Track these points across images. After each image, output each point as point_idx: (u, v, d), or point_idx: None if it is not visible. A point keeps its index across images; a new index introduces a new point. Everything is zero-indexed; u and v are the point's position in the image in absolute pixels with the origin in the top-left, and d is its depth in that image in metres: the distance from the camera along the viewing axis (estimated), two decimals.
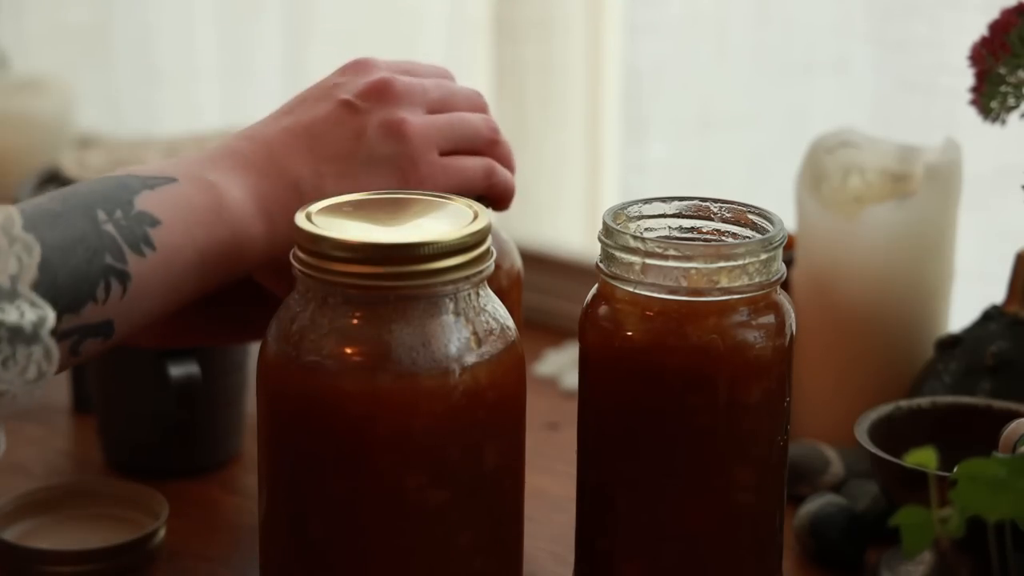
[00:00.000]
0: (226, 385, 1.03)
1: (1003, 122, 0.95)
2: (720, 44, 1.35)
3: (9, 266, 0.65)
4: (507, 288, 0.90)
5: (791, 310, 0.79)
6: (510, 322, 0.79)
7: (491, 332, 0.78)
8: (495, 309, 0.79)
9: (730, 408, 0.78)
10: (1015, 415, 0.89)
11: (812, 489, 0.99)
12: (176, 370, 0.92)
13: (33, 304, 0.65)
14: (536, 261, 1.13)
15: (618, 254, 0.78)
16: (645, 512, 0.79)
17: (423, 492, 0.76)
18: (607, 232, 0.79)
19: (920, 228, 1.04)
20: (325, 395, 0.75)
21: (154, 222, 0.73)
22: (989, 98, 0.95)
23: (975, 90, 0.95)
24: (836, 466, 1.00)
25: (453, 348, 0.76)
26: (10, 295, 0.65)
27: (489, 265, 0.78)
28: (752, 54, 1.33)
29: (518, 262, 0.93)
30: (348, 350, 0.75)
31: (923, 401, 0.93)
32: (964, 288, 1.09)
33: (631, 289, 0.78)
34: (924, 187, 1.04)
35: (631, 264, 0.78)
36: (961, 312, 1.07)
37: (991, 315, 1.00)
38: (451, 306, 0.77)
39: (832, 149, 1.06)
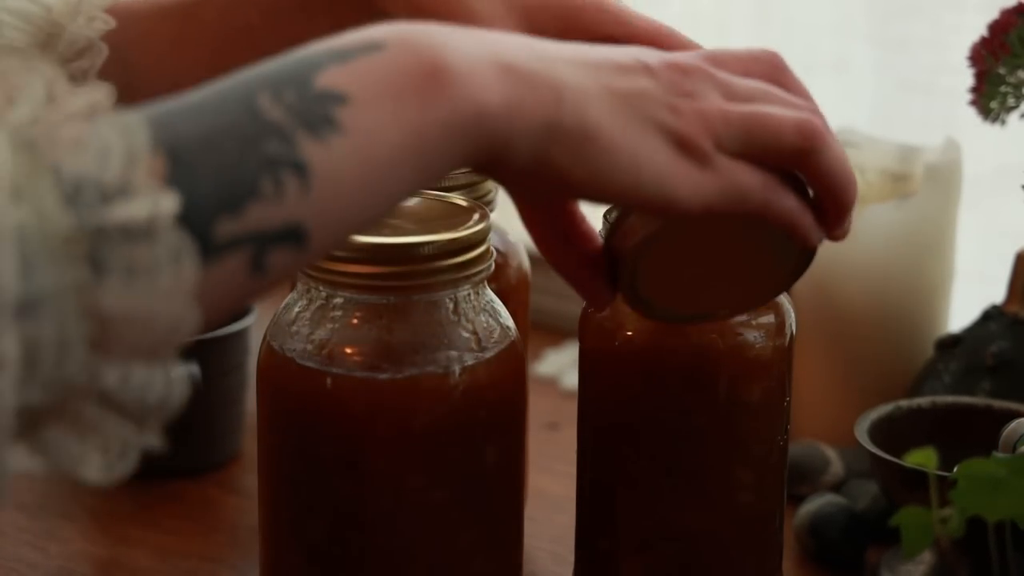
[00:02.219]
0: (226, 385, 1.03)
1: (1003, 122, 0.95)
2: (720, 44, 1.35)
3: (111, 163, 0.52)
4: (514, 288, 0.90)
5: (791, 310, 0.79)
6: (510, 322, 0.79)
7: (491, 332, 0.78)
8: (495, 309, 0.79)
9: (730, 408, 0.78)
10: (1015, 415, 0.89)
11: (812, 489, 0.99)
12: (176, 370, 0.92)
13: (144, 194, 0.52)
14: (536, 261, 1.13)
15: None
16: (645, 512, 0.79)
17: (423, 492, 0.76)
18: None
19: (920, 228, 1.04)
20: (325, 395, 0.75)
21: (342, 99, 0.56)
22: (989, 98, 0.95)
23: (975, 90, 0.95)
24: (836, 466, 1.00)
25: (453, 348, 0.76)
26: (119, 190, 0.52)
27: (489, 265, 0.78)
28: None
29: (526, 263, 0.93)
30: (348, 350, 0.75)
31: (923, 401, 0.93)
32: (964, 288, 1.09)
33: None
34: (924, 187, 1.04)
35: None
36: (961, 312, 1.07)
37: (991, 315, 1.00)
38: (451, 306, 0.77)
39: None
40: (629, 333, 0.78)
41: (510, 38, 0.62)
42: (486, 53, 0.59)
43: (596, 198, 0.64)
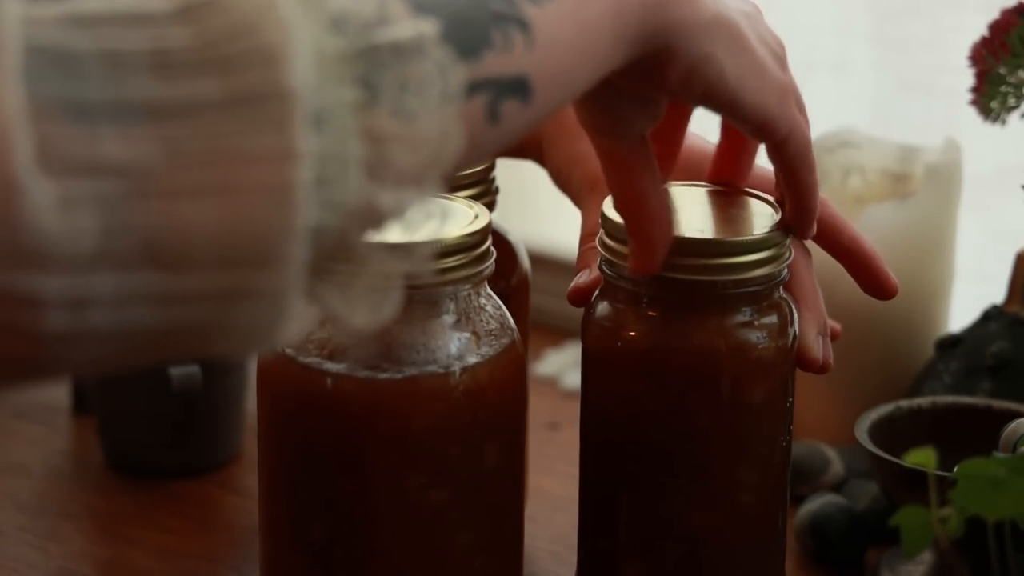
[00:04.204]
0: (226, 385, 1.03)
1: (1003, 122, 0.95)
2: None
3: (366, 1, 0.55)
4: (514, 288, 0.90)
5: (794, 310, 0.79)
6: (510, 322, 0.79)
7: (491, 332, 0.78)
8: (495, 309, 0.79)
9: (733, 408, 0.77)
10: (1015, 415, 0.89)
11: (812, 489, 0.99)
12: (176, 370, 0.92)
13: (405, 20, 0.55)
14: (537, 261, 1.13)
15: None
16: (647, 512, 0.79)
17: (423, 492, 0.76)
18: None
19: (920, 228, 1.04)
20: (325, 395, 0.75)
21: None
22: (989, 98, 0.95)
23: (975, 90, 0.95)
24: (836, 466, 1.00)
25: (453, 348, 0.76)
26: (379, 20, 0.55)
27: (489, 265, 0.78)
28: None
29: (526, 263, 0.93)
30: (348, 350, 0.75)
31: (923, 401, 0.93)
32: (964, 288, 1.09)
33: (633, 288, 0.78)
34: (924, 187, 1.04)
35: None
36: (961, 312, 1.07)
37: (991, 315, 1.00)
38: (451, 306, 0.77)
39: (832, 149, 1.06)
40: (631, 333, 0.78)
41: None
42: None
43: (737, 106, 0.69)
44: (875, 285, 0.80)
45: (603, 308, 0.79)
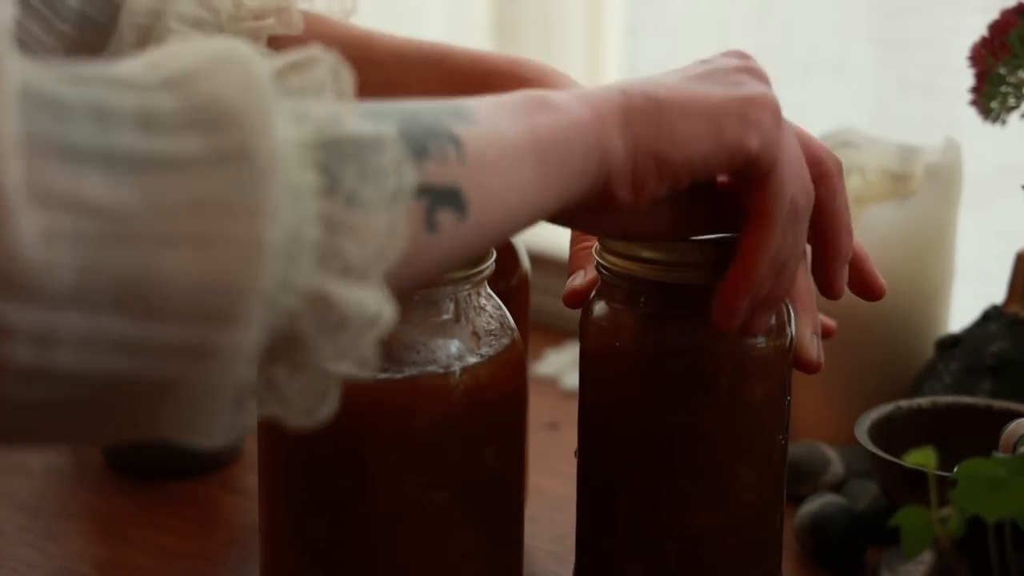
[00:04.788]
0: None
1: (1003, 122, 0.95)
2: (720, 44, 1.35)
3: (327, 98, 0.58)
4: (514, 288, 0.90)
5: (792, 310, 0.79)
6: (510, 322, 0.79)
7: (491, 332, 0.78)
8: (495, 309, 0.79)
9: (731, 408, 0.77)
10: (1015, 415, 0.89)
11: (812, 489, 0.99)
12: None
13: (367, 119, 0.58)
14: (536, 261, 1.13)
15: (619, 253, 0.78)
16: (646, 512, 0.79)
17: (423, 492, 0.76)
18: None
19: (920, 228, 1.04)
20: None
21: (468, 106, 0.64)
22: (989, 98, 0.95)
23: (975, 90, 0.95)
24: (836, 466, 1.00)
25: (453, 348, 0.76)
26: (336, 118, 0.57)
27: (489, 265, 0.78)
28: (752, 54, 1.33)
29: (526, 263, 0.93)
30: None
31: (923, 401, 0.93)
32: (964, 288, 1.09)
33: (631, 289, 0.78)
34: (924, 187, 1.04)
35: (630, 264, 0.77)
36: (961, 312, 1.07)
37: (991, 315, 1.00)
38: (451, 306, 0.77)
39: (832, 149, 1.06)
40: (629, 334, 0.78)
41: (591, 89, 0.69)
42: (573, 95, 0.67)
43: (698, 168, 0.69)
44: (863, 286, 0.80)
45: (601, 308, 0.79)
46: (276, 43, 0.87)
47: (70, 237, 0.49)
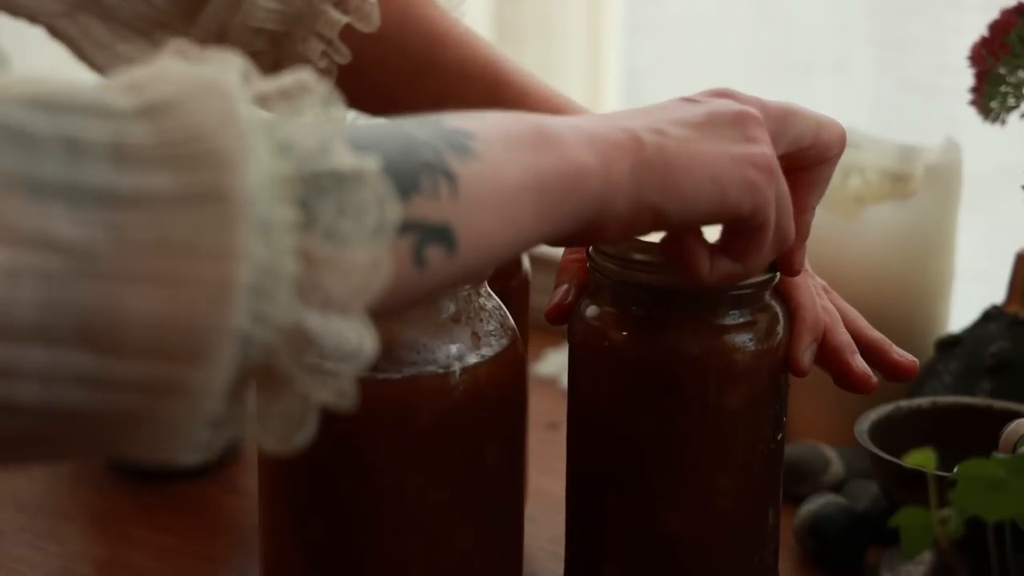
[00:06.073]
0: None
1: (1003, 122, 0.95)
2: (720, 44, 1.35)
3: (312, 131, 0.57)
4: (514, 288, 0.90)
5: (782, 315, 0.78)
6: (510, 322, 0.79)
7: (491, 332, 0.78)
8: (495, 309, 0.79)
9: (710, 412, 0.77)
10: (1015, 415, 0.89)
11: (812, 489, 0.99)
12: None
13: (351, 153, 0.57)
14: (536, 261, 1.13)
15: (608, 255, 0.78)
16: (627, 513, 0.79)
17: (423, 492, 0.76)
18: None
19: (920, 228, 1.04)
20: None
21: (470, 134, 0.63)
22: (989, 98, 0.95)
23: (975, 90, 0.95)
24: (836, 466, 1.00)
25: (453, 348, 0.76)
26: (322, 151, 0.57)
27: None
28: (752, 54, 1.33)
29: (526, 263, 0.93)
30: None
31: (923, 401, 0.93)
32: (964, 288, 1.09)
33: (620, 290, 0.77)
34: (924, 187, 1.04)
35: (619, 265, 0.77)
36: (961, 312, 1.07)
37: (991, 315, 1.00)
38: (451, 306, 0.77)
39: None
40: (617, 334, 0.77)
41: (588, 117, 0.69)
42: (573, 126, 0.66)
43: (691, 222, 0.69)
44: (897, 369, 0.81)
45: (590, 308, 0.79)
46: (351, 36, 0.87)
47: (33, 274, 0.49)
